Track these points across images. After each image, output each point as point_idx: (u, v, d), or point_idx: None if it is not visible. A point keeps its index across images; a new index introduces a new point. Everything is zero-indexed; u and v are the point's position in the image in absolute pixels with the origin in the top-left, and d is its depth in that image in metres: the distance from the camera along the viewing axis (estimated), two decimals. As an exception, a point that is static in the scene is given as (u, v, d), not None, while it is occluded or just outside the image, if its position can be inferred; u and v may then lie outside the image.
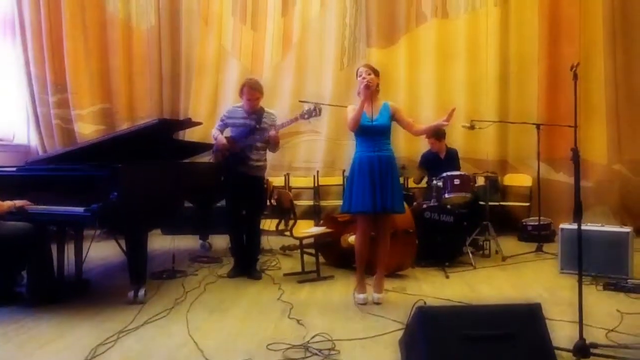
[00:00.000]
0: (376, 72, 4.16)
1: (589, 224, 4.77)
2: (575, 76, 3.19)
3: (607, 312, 3.70)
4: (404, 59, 7.72)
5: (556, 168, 7.07)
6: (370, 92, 4.06)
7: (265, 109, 5.09)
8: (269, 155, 5.24)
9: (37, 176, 4.40)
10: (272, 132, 4.85)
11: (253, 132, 4.91)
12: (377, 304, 4.10)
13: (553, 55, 7.16)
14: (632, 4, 7.01)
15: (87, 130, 7.94)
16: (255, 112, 4.98)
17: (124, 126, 7.76)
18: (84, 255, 4.58)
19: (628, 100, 7.02)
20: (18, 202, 4.01)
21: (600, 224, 4.91)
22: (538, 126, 6.12)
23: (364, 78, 4.06)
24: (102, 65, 8.20)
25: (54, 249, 4.35)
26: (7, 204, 3.95)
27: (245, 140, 4.91)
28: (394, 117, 4.17)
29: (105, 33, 8.21)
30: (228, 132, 5.11)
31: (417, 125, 4.30)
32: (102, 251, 5.31)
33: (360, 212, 4.09)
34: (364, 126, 4.07)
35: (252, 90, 4.94)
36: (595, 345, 2.91)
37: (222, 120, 5.13)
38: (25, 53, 7.90)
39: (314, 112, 4.73)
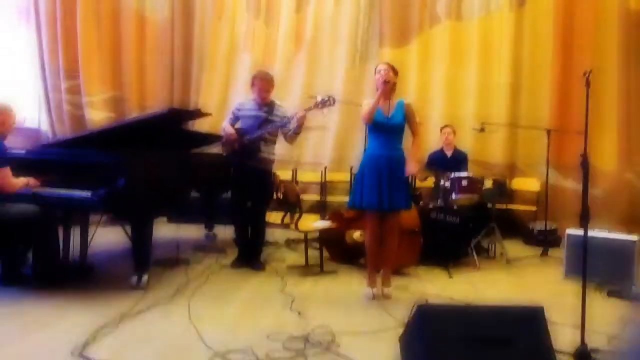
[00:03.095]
0: (395, 71, 4.19)
1: (595, 230, 4.75)
2: (588, 83, 3.17)
3: (610, 319, 3.67)
4: (417, 60, 7.69)
5: (565, 174, 7.02)
6: (388, 87, 4.07)
7: (276, 102, 5.10)
8: (279, 149, 5.24)
9: (46, 160, 4.41)
10: (300, 114, 4.78)
11: (265, 124, 4.92)
12: (387, 297, 4.12)
13: (566, 62, 7.10)
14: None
15: (98, 117, 7.96)
16: (267, 105, 4.99)
17: (134, 114, 7.78)
18: (89, 239, 4.60)
19: (640, 109, 6.97)
20: (32, 180, 4.05)
21: (607, 231, 4.88)
22: (548, 131, 6.11)
23: (382, 75, 4.08)
24: (115, 54, 8.23)
25: (60, 232, 4.38)
26: (21, 181, 4.00)
27: (256, 132, 4.91)
28: (406, 115, 4.16)
29: (119, 22, 8.24)
30: (239, 124, 5.11)
31: (416, 139, 4.24)
32: (108, 237, 5.32)
33: (369, 209, 4.12)
34: (379, 123, 4.08)
35: (263, 81, 4.97)
36: (596, 350, 2.90)
37: (233, 114, 5.14)
38: (39, 39, 7.93)
39: (329, 101, 4.71)
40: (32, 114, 8.04)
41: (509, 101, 7.34)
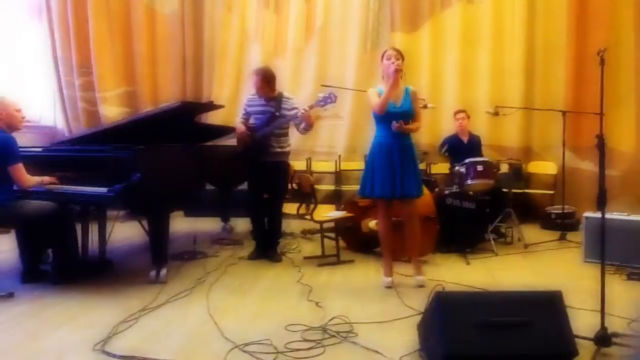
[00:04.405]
0: (403, 57, 4.13)
1: (614, 213, 4.68)
2: (602, 61, 3.11)
3: (630, 302, 3.64)
4: (428, 44, 7.63)
5: (582, 156, 6.94)
6: (399, 76, 4.02)
7: (284, 94, 5.07)
8: (293, 139, 5.23)
9: (62, 157, 4.47)
10: (302, 111, 4.77)
11: (273, 120, 4.91)
12: (421, 286, 4.07)
13: (581, 41, 6.99)
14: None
15: (112, 112, 8.01)
16: (274, 99, 4.98)
17: (147, 109, 7.81)
18: (107, 235, 4.65)
19: (658, 88, 6.84)
20: (46, 178, 4.10)
21: (625, 213, 4.81)
22: (564, 113, 6.03)
23: (393, 62, 4.01)
24: (126, 49, 8.27)
25: (78, 228, 4.43)
26: (35, 179, 4.04)
27: (264, 129, 4.91)
28: (411, 102, 4.15)
29: (129, 17, 8.26)
30: (252, 120, 5.11)
31: (416, 122, 4.18)
32: (125, 232, 5.38)
33: (380, 197, 4.11)
34: (389, 112, 4.05)
35: (255, 77, 4.94)
36: (617, 335, 2.87)
37: (244, 110, 5.15)
38: (52, 36, 7.97)
39: (329, 99, 4.68)
40: (48, 112, 8.12)
41: (523, 83, 7.27)
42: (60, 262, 4.23)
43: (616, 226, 4.49)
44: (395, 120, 4.00)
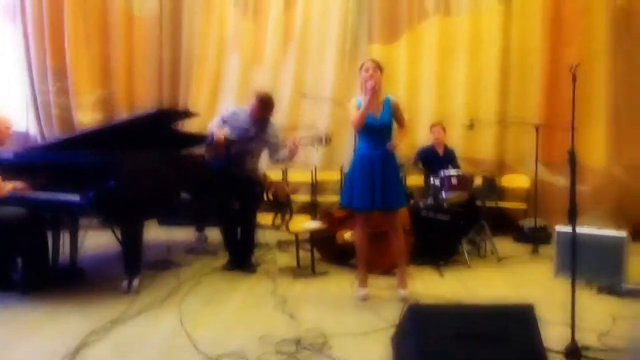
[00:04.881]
0: (381, 69, 4.13)
1: (585, 227, 4.75)
2: (574, 77, 3.17)
3: (600, 316, 3.70)
4: (406, 56, 7.68)
5: (554, 170, 7.04)
6: (377, 91, 4.03)
7: (271, 119, 5.06)
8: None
9: (34, 163, 4.39)
10: (292, 145, 4.74)
11: (252, 140, 4.90)
12: (405, 300, 4.00)
13: (555, 57, 7.11)
14: (637, 6, 6.97)
15: (86, 118, 7.89)
16: (261, 122, 4.96)
17: (123, 115, 7.73)
18: (79, 243, 4.57)
19: (629, 104, 6.97)
20: (18, 184, 4.03)
21: (596, 228, 4.89)
22: (537, 127, 6.12)
23: (371, 76, 4.00)
24: (103, 54, 8.17)
25: (49, 236, 4.35)
26: (7, 187, 3.97)
27: (244, 145, 4.89)
28: (393, 112, 4.16)
29: (106, 21, 8.17)
30: (226, 131, 5.05)
31: (403, 129, 4.26)
32: (98, 240, 5.29)
33: (359, 209, 4.11)
34: (368, 125, 4.04)
35: (257, 103, 4.88)
36: (587, 348, 2.91)
37: (222, 119, 5.06)
38: (26, 40, 7.84)
39: (323, 140, 4.63)
40: (20, 117, 7.96)
41: (498, 97, 7.34)
42: (30, 271, 4.15)
43: (586, 240, 4.52)
44: (373, 131, 4.05)
